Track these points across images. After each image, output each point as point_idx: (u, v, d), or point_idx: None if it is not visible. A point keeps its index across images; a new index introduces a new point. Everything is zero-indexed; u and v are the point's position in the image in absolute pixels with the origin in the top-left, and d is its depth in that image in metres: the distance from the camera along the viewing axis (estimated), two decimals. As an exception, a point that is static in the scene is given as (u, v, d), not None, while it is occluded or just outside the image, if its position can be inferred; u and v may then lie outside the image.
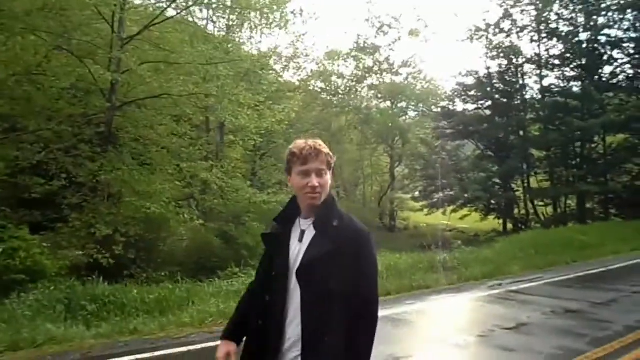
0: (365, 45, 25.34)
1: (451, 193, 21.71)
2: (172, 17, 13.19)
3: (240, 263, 12.17)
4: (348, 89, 25.30)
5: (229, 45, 15.72)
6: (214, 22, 17.60)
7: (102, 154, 11.44)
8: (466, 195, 20.45)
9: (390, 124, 23.87)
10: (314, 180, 1.79)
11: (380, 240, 21.07)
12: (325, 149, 1.84)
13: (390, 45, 25.29)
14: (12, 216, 9.83)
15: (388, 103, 25.99)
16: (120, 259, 10.15)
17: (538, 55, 20.80)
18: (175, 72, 12.62)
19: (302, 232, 1.84)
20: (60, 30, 10.85)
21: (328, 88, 25.03)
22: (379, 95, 26.11)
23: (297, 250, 1.83)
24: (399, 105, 25.85)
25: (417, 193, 24.76)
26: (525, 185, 21.18)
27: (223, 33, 17.07)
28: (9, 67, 10.48)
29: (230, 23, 17.10)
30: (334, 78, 24.80)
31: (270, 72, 18.84)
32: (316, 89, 24.75)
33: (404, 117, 26.03)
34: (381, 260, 8.63)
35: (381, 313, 1.77)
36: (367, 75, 25.64)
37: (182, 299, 5.91)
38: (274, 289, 1.84)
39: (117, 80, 11.09)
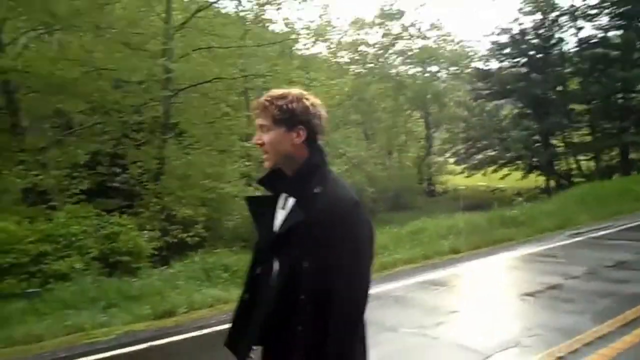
0: (391, 11, 25.23)
1: (492, 153, 21.84)
2: (215, 2, 13.58)
3: None
4: (377, 57, 25.34)
5: (265, 25, 16.06)
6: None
7: (165, 140, 12.06)
8: (508, 155, 20.59)
9: (424, 89, 23.96)
10: (255, 137, 1.59)
11: (423, 204, 21.56)
12: (281, 100, 1.53)
13: (417, 8, 25.18)
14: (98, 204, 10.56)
15: (419, 68, 26.00)
16: (197, 237, 10.83)
17: (573, 6, 20.49)
18: (222, 56, 13.08)
19: (286, 198, 1.60)
20: (120, 25, 11.39)
21: (357, 58, 25.12)
22: (409, 61, 26.09)
23: (280, 219, 1.59)
24: (430, 69, 25.84)
25: (456, 156, 24.93)
26: (567, 140, 21.19)
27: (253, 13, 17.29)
28: (78, 63, 11.10)
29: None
30: (361, 47, 24.86)
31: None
32: (345, 59, 24.90)
33: (436, 81, 25.98)
34: (451, 220, 9.08)
35: (511, 254, 1.70)
36: (395, 41, 25.61)
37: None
38: (261, 261, 1.63)
39: (171, 68, 11.59)
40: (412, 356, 3.76)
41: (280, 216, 1.59)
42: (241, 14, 15.90)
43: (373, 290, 1.45)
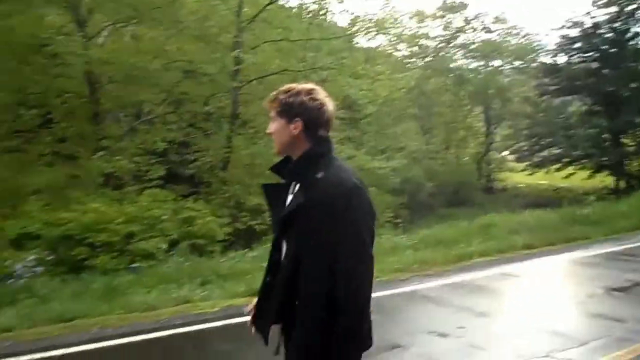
0: (453, 3, 24.77)
1: (557, 151, 21.08)
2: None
3: None
4: (437, 50, 24.98)
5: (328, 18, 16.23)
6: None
7: (232, 130, 12.52)
8: (574, 153, 19.83)
9: (486, 84, 23.43)
10: (269, 127, 1.76)
11: (482, 201, 21.17)
12: (283, 95, 1.71)
13: (480, 1, 24.54)
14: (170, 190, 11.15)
15: (481, 62, 25.40)
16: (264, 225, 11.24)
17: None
18: (287, 48, 13.39)
19: (294, 185, 1.73)
20: (193, 18, 11.93)
21: (417, 51, 24.87)
22: (470, 55, 25.54)
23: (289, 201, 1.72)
24: (492, 63, 25.18)
25: (518, 153, 24.24)
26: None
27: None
28: (153, 55, 11.73)
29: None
30: (422, 41, 24.59)
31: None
32: (405, 52, 24.74)
33: (499, 76, 25.30)
34: (520, 216, 8.99)
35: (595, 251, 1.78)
36: (457, 34, 25.14)
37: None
38: (276, 245, 1.76)
39: (241, 60, 11.99)
40: (509, 340, 3.86)
41: (289, 200, 1.71)
42: (304, 6, 16.26)
43: (456, 279, 1.57)
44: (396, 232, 12.28)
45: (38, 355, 3.44)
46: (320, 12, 16.08)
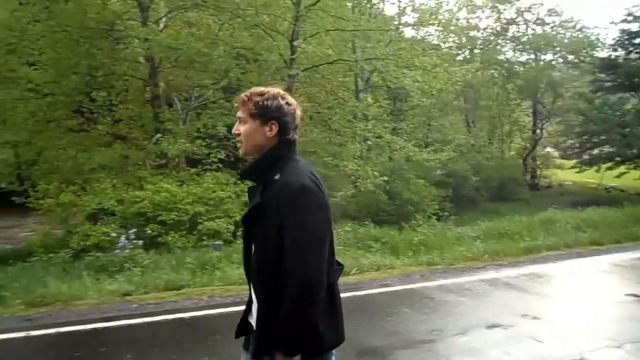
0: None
1: (611, 149, 20.47)
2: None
3: (407, 217, 12.99)
4: (486, 42, 24.52)
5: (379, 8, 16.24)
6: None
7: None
8: (630, 152, 19.22)
9: (536, 78, 22.89)
10: (234, 127, 1.78)
11: (528, 197, 20.84)
12: (258, 97, 1.74)
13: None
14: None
15: (532, 55, 24.80)
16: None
17: None
18: (340, 38, 13.49)
19: (259, 187, 1.76)
20: (253, 5, 12.15)
21: (466, 43, 24.48)
22: (521, 48, 24.96)
23: None
24: (544, 57, 24.55)
25: (568, 150, 23.66)
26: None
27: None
28: (210, 41, 12.02)
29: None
30: (472, 33, 24.15)
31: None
32: (453, 44, 24.35)
33: (551, 70, 24.64)
34: (583, 213, 8.92)
35: None
36: (508, 26, 24.58)
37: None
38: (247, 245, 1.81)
39: (297, 49, 12.16)
40: (602, 324, 4.05)
41: None
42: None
43: (531, 269, 1.69)
44: (444, 224, 12.39)
45: (166, 317, 3.80)
46: (372, 2, 16.13)
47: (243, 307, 1.79)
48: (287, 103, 1.76)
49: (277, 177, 1.66)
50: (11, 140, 15.50)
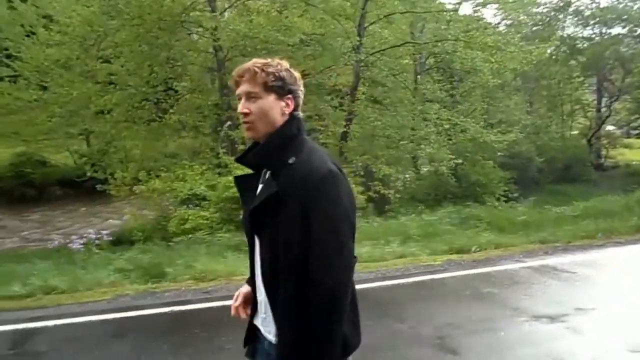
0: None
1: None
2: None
3: (475, 199, 12.89)
4: (548, 18, 23.59)
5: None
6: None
7: (353, 101, 12.84)
8: None
9: (602, 54, 21.90)
10: (240, 106, 1.51)
11: (594, 178, 20.17)
12: (271, 67, 1.49)
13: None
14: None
15: (596, 30, 23.69)
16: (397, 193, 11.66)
17: None
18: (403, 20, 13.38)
19: (265, 173, 1.54)
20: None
21: (524, 19, 23.64)
22: (583, 22, 23.86)
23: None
24: (610, 31, 23.38)
25: (637, 129, 22.65)
26: None
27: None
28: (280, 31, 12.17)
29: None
30: (534, 9, 23.29)
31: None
32: (510, 21, 23.57)
33: (618, 45, 23.47)
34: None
35: None
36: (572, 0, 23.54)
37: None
38: (248, 240, 1.60)
39: (364, 33, 12.17)
40: None
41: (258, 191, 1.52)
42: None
43: None
44: (511, 205, 12.25)
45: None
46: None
47: (384, 283, 1.82)
48: (297, 76, 1.57)
49: (291, 160, 1.44)
50: (85, 130, 16.39)
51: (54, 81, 14.56)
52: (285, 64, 1.54)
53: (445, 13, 13.67)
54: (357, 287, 4.10)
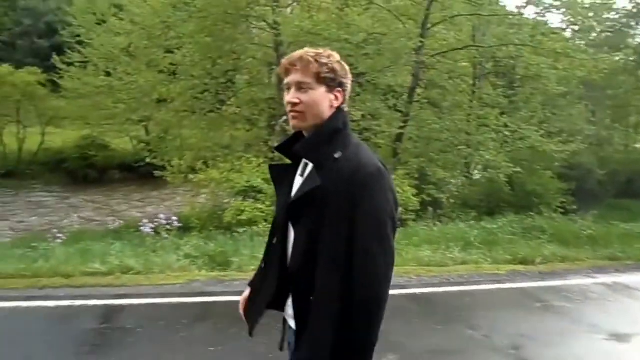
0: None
1: None
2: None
3: (529, 209, 12.46)
4: (620, 25, 22.48)
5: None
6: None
7: (410, 103, 12.70)
8: None
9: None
10: (290, 95, 1.47)
11: None
12: (323, 58, 1.45)
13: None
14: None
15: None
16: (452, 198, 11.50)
17: None
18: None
19: (305, 165, 1.53)
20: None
21: (592, 26, 22.62)
22: (657, 30, 22.63)
23: (297, 185, 1.51)
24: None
25: None
26: None
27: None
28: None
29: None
30: (605, 15, 22.24)
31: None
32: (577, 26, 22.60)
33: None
34: None
35: None
36: (644, 7, 22.33)
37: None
38: (278, 230, 1.57)
39: (426, 34, 11.99)
40: None
41: (298, 183, 1.51)
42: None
43: None
44: (570, 217, 11.81)
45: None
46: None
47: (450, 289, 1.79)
48: (347, 69, 1.54)
49: (337, 155, 1.41)
50: (145, 117, 17.03)
51: (122, 68, 15.22)
52: (337, 55, 1.51)
53: (511, 17, 13.33)
54: (422, 290, 4.13)
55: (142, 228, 6.02)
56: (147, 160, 14.37)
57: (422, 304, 4.24)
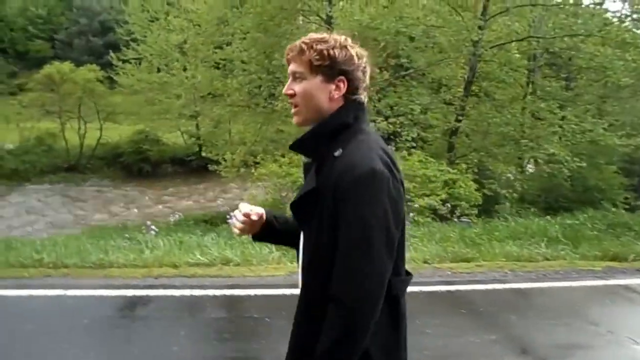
0: None
1: None
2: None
3: (590, 205, 12.09)
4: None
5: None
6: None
7: (467, 97, 12.49)
8: None
9: None
10: (286, 86, 1.35)
11: None
12: (321, 44, 1.29)
13: None
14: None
15: None
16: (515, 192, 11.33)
17: None
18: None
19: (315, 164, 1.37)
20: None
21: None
22: None
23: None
24: None
25: None
26: None
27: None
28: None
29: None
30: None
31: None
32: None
33: None
34: None
35: None
36: None
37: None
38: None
39: (484, 26, 11.73)
40: None
41: None
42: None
43: None
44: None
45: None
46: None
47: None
48: (357, 53, 1.33)
49: (337, 153, 1.26)
50: (196, 112, 17.40)
51: (178, 64, 15.58)
52: (344, 39, 1.33)
53: (574, 6, 12.86)
54: (523, 285, 4.11)
55: (229, 221, 6.16)
56: (203, 154, 14.68)
57: (529, 299, 4.21)
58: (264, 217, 1.47)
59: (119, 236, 6.37)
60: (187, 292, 3.97)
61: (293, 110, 1.35)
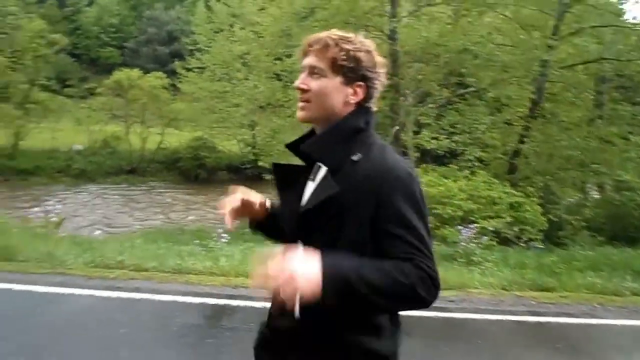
0: None
1: None
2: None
3: None
4: None
5: None
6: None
7: (534, 118, 12.09)
8: None
9: None
10: (299, 80, 1.26)
11: None
12: (348, 44, 1.22)
13: None
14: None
15: None
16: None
17: None
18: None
19: (318, 168, 1.27)
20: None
21: None
22: None
23: (309, 192, 1.27)
24: None
25: None
26: None
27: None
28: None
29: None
30: None
31: None
32: None
33: None
34: None
35: None
36: None
37: None
38: (287, 235, 1.30)
39: (555, 45, 11.35)
40: None
41: (309, 190, 1.27)
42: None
43: None
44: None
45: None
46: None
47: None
48: (380, 62, 1.30)
49: (356, 157, 1.21)
50: (253, 122, 17.78)
51: (241, 75, 16.03)
52: (370, 43, 1.30)
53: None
54: (616, 322, 3.86)
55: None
56: (260, 163, 14.96)
57: (633, 338, 3.98)
58: (266, 204, 1.45)
59: (189, 241, 6.53)
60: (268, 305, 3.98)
61: (301, 105, 1.29)
